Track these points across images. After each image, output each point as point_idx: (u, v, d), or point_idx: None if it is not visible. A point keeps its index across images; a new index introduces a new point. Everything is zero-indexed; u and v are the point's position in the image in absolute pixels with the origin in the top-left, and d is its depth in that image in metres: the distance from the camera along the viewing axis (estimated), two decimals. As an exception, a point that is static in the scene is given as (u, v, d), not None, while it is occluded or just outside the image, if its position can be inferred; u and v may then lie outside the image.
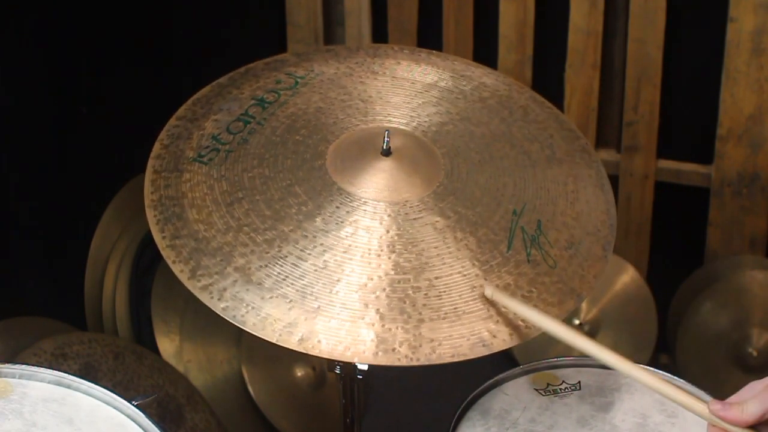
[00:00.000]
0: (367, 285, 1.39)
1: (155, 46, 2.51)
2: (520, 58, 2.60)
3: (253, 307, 1.37)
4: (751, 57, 2.42)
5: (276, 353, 2.41)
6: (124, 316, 2.33)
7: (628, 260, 2.62)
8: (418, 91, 1.67)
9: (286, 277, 1.39)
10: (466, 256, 1.45)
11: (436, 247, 1.44)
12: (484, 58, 2.61)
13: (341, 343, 1.35)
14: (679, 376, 1.60)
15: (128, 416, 1.45)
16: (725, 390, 1.73)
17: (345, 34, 2.76)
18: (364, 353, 1.35)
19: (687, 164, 2.60)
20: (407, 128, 1.60)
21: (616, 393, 1.59)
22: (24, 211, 2.25)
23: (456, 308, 1.39)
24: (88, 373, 2.05)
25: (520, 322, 1.41)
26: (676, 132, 2.59)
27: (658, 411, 1.55)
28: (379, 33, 2.72)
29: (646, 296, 2.62)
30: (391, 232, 1.45)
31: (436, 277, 1.42)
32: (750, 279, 2.50)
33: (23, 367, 1.48)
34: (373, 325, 1.36)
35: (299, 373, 2.44)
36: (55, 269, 2.34)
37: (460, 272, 1.43)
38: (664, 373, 1.60)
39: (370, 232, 1.44)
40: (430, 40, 2.67)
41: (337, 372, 1.55)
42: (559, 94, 2.58)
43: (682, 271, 2.65)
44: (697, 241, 2.63)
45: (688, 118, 2.59)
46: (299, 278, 1.39)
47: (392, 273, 1.41)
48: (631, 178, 2.62)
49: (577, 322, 2.57)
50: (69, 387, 1.47)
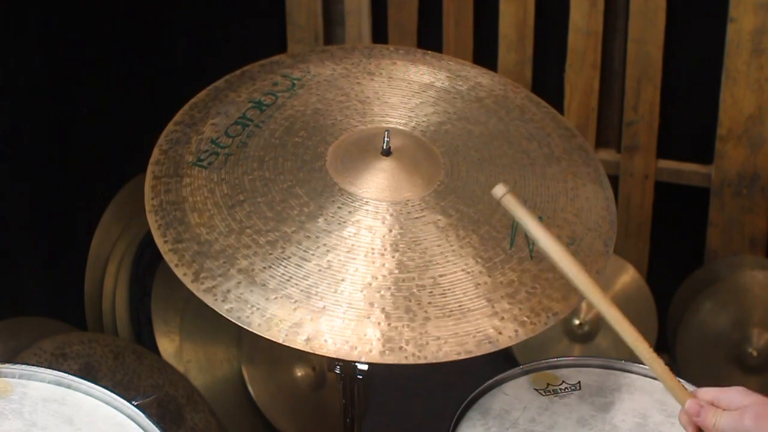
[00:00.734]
0: (371, 284, 1.40)
1: (155, 46, 2.51)
2: (520, 59, 2.60)
3: (258, 308, 1.37)
4: (751, 57, 2.42)
5: (276, 353, 2.41)
6: (124, 316, 2.33)
7: (628, 260, 2.62)
8: (415, 92, 1.67)
9: (290, 277, 1.40)
10: (470, 254, 1.45)
11: (439, 246, 1.45)
12: (484, 58, 2.61)
13: (348, 343, 1.36)
14: (679, 376, 1.60)
15: (128, 416, 1.45)
16: (725, 390, 1.72)
17: (345, 35, 2.75)
18: (370, 352, 1.35)
19: (687, 164, 2.60)
20: (406, 128, 1.60)
21: (616, 393, 1.59)
22: (24, 212, 2.25)
23: (461, 305, 1.40)
24: (88, 373, 2.05)
25: (525, 318, 1.41)
26: (676, 132, 2.59)
27: (658, 411, 1.55)
28: (379, 33, 2.72)
29: (646, 296, 2.62)
30: (394, 232, 1.45)
31: (440, 275, 1.42)
32: (750, 279, 2.50)
33: (23, 367, 1.48)
34: (379, 324, 1.37)
35: (299, 373, 2.44)
36: (55, 269, 2.34)
37: (463, 270, 1.43)
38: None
39: (373, 232, 1.44)
40: (430, 41, 2.67)
41: (337, 372, 1.55)
42: (559, 95, 2.58)
43: (682, 271, 2.65)
44: (697, 241, 2.63)
45: (688, 118, 2.58)
46: (303, 278, 1.40)
47: (396, 272, 1.41)
48: (631, 178, 2.61)
49: (577, 322, 2.57)
50: (69, 387, 1.47)
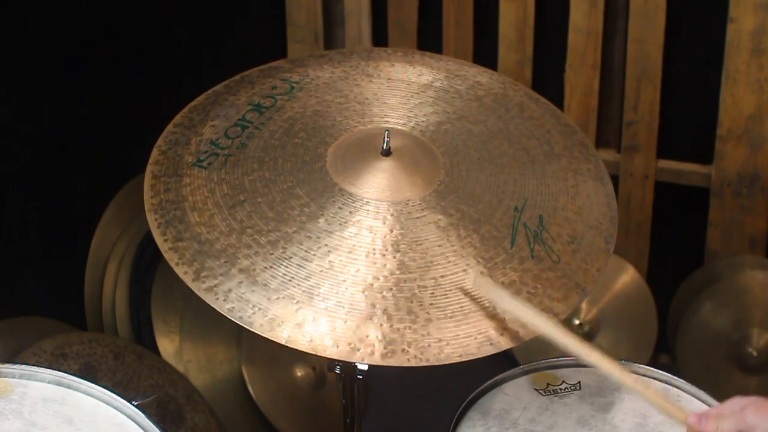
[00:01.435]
0: (373, 285, 1.40)
1: (156, 46, 2.51)
2: (520, 58, 2.60)
3: (260, 308, 1.37)
4: (751, 57, 2.42)
5: (276, 353, 2.41)
6: (124, 316, 2.33)
7: (628, 260, 2.62)
8: (414, 92, 1.67)
9: (292, 278, 1.39)
10: (471, 254, 1.45)
11: (440, 246, 1.44)
12: (484, 58, 2.61)
13: (350, 344, 1.35)
14: (679, 376, 1.60)
15: (128, 416, 1.45)
16: (725, 390, 1.73)
17: (345, 35, 2.75)
18: (372, 354, 1.35)
19: (687, 164, 2.60)
20: (405, 128, 1.60)
21: (616, 393, 1.59)
22: (24, 212, 2.25)
23: (462, 307, 1.40)
24: (88, 373, 2.05)
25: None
26: (676, 132, 2.59)
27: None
28: (379, 33, 2.72)
29: (646, 296, 2.62)
30: (395, 232, 1.45)
31: (442, 276, 1.42)
32: (750, 279, 2.50)
33: (23, 367, 1.48)
34: (381, 326, 1.36)
35: (299, 373, 2.44)
36: (55, 269, 2.34)
37: (465, 270, 1.43)
38: (661, 372, 1.61)
39: (374, 232, 1.44)
40: (430, 41, 2.67)
41: (337, 372, 1.55)
42: (559, 94, 2.58)
43: (682, 271, 2.65)
44: (697, 241, 2.63)
45: (688, 118, 2.58)
46: (305, 279, 1.39)
47: (398, 272, 1.41)
48: (631, 178, 2.61)
49: (577, 322, 2.57)
50: (69, 387, 1.47)
